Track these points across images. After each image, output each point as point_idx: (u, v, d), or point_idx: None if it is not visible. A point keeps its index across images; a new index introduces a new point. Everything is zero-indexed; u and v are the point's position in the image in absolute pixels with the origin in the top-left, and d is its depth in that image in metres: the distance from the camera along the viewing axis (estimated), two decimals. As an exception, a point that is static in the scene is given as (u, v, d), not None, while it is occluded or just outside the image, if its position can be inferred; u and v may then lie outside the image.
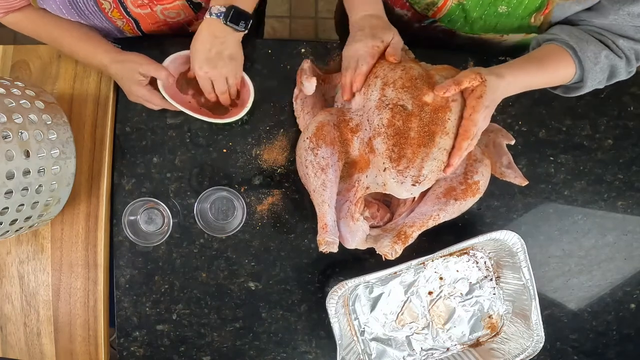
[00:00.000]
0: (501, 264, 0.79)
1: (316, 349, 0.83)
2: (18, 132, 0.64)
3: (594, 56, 0.67)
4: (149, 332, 0.82)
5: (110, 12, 0.76)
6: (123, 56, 0.75)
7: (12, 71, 0.82)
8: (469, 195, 0.70)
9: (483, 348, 0.80)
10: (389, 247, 0.69)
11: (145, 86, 0.76)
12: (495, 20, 0.75)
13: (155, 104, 0.78)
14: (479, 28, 0.79)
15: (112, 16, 0.77)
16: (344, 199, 0.72)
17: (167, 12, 0.79)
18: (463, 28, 0.80)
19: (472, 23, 0.78)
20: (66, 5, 0.72)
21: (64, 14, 0.74)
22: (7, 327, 0.81)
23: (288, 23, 1.87)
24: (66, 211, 0.80)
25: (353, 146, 0.70)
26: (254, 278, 0.82)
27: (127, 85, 0.77)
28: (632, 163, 0.85)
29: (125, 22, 0.79)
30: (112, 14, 0.77)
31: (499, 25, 0.77)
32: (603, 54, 0.67)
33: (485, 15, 0.75)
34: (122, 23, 0.79)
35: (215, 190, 0.75)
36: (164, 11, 0.78)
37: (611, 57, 0.67)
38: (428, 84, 0.67)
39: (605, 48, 0.67)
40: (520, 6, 0.71)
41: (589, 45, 0.67)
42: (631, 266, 0.85)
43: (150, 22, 0.80)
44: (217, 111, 0.81)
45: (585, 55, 0.66)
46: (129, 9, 0.76)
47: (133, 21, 0.79)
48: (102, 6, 0.74)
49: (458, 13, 0.76)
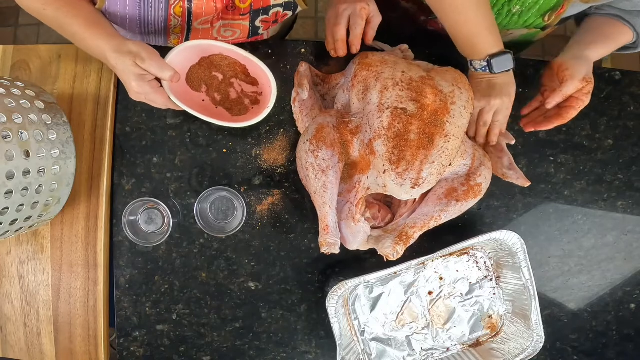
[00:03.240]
0: (501, 264, 0.79)
1: (316, 349, 0.83)
2: (18, 132, 0.64)
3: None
4: (149, 332, 0.82)
5: (173, 29, 0.73)
6: (124, 46, 0.64)
7: (12, 71, 0.82)
8: (470, 196, 0.70)
9: (483, 348, 0.80)
10: (391, 248, 0.69)
11: (148, 82, 0.66)
12: (507, 20, 0.76)
13: (161, 105, 0.69)
14: None
15: (172, 31, 0.74)
16: (345, 200, 0.72)
17: (224, 31, 0.76)
18: None
19: None
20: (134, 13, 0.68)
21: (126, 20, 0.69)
22: (7, 327, 0.81)
23: (288, 23, 1.87)
24: (66, 211, 0.80)
25: (353, 147, 0.70)
26: (254, 278, 0.82)
27: (127, 79, 0.66)
28: (632, 163, 0.85)
29: (178, 37, 0.77)
30: (174, 30, 0.74)
31: (510, 23, 0.77)
32: None
33: (497, 14, 0.75)
34: (174, 37, 0.77)
35: (215, 190, 0.75)
36: (221, 29, 0.75)
37: None
38: (428, 86, 0.67)
39: None
40: (535, 6, 0.72)
41: (633, 16, 0.74)
42: (631, 266, 0.85)
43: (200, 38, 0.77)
44: (235, 110, 0.75)
45: (637, 23, 0.74)
46: (192, 25, 0.73)
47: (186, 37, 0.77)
48: (170, 23, 0.71)
49: None
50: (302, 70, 0.78)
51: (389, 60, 0.71)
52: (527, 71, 0.83)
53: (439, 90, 0.68)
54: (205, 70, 0.73)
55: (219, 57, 0.73)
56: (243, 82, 0.76)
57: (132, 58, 0.63)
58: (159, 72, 0.65)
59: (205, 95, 0.75)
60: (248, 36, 0.81)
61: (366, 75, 0.70)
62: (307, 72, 0.78)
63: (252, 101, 0.76)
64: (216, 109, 0.75)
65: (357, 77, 0.71)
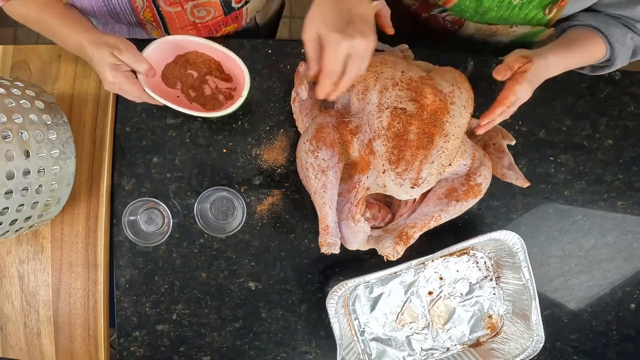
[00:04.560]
0: (501, 264, 0.79)
1: (316, 349, 0.83)
2: (18, 132, 0.64)
3: (622, 38, 0.72)
4: (149, 332, 0.82)
5: (142, 13, 0.74)
6: (102, 38, 0.65)
7: (12, 71, 0.82)
8: (470, 196, 0.70)
9: (483, 348, 0.80)
10: (391, 248, 0.69)
11: (123, 72, 0.66)
12: (508, 12, 0.76)
13: (135, 96, 0.70)
14: (490, 18, 0.79)
15: (143, 17, 0.75)
16: (345, 200, 0.72)
17: (197, 11, 0.76)
18: (473, 18, 0.80)
19: (483, 13, 0.78)
20: (99, 4, 0.70)
21: (95, 12, 0.72)
22: (7, 327, 0.81)
23: (288, 23, 1.87)
24: (66, 211, 0.80)
25: (353, 147, 0.70)
26: (254, 278, 0.82)
27: (102, 70, 0.66)
28: (632, 163, 0.85)
29: (154, 26, 0.78)
30: (144, 15, 0.75)
31: (511, 16, 0.77)
32: (629, 36, 0.72)
33: (498, 6, 0.75)
34: (151, 27, 0.78)
35: (215, 190, 0.75)
36: (194, 10, 0.76)
37: (636, 38, 0.73)
38: (428, 86, 0.67)
39: (630, 31, 0.72)
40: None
41: (614, 28, 0.72)
42: (631, 266, 0.85)
43: (178, 25, 0.79)
44: (208, 105, 0.76)
45: (614, 38, 0.71)
46: (160, 7, 0.74)
47: (162, 24, 0.77)
48: (135, 4, 0.72)
49: (469, 3, 0.76)
50: (302, 70, 0.78)
51: (389, 60, 0.71)
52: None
53: (438, 90, 0.68)
54: (180, 68, 0.75)
55: (194, 54, 0.75)
56: (217, 79, 0.78)
57: (109, 49, 0.64)
58: (135, 64, 0.66)
59: (180, 92, 0.76)
60: (225, 13, 0.80)
61: (366, 75, 0.70)
62: (307, 72, 0.78)
63: (226, 97, 0.77)
64: (190, 105, 0.76)
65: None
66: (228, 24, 0.84)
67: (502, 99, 0.67)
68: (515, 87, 0.67)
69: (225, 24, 0.83)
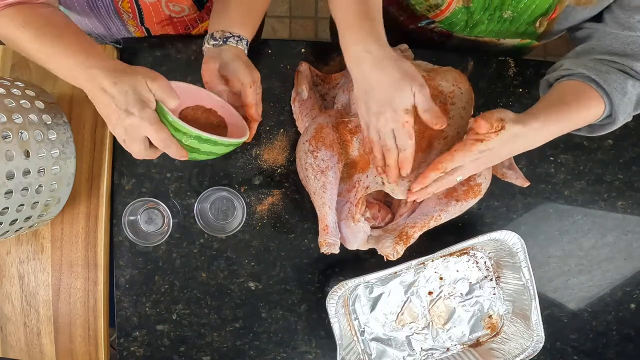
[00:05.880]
0: (501, 264, 0.79)
1: (316, 349, 0.83)
2: (18, 132, 0.64)
3: (621, 87, 0.60)
4: (149, 332, 0.82)
5: (121, 2, 0.75)
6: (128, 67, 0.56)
7: (12, 71, 0.82)
8: (470, 196, 0.70)
9: (483, 348, 0.80)
10: (391, 248, 0.69)
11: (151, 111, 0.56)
12: (498, 26, 0.75)
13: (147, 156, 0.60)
14: (479, 32, 0.78)
15: (121, 7, 0.76)
16: (345, 200, 0.72)
17: (172, 6, 0.77)
18: (462, 31, 0.80)
19: (473, 26, 0.77)
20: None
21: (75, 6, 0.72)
22: (7, 327, 0.81)
23: (288, 23, 1.87)
24: (66, 211, 0.80)
25: (352, 147, 0.70)
26: (254, 278, 0.82)
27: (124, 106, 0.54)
28: (632, 163, 0.85)
29: (131, 16, 0.78)
30: (122, 5, 0.75)
31: (501, 30, 0.76)
32: (629, 84, 0.60)
33: (488, 20, 0.74)
34: (127, 17, 0.78)
35: (215, 190, 0.75)
36: (168, 4, 0.76)
37: (637, 85, 0.61)
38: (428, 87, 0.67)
39: (628, 77, 0.60)
40: (527, 11, 0.69)
41: (610, 75, 0.60)
42: (631, 266, 0.85)
43: (155, 20, 0.79)
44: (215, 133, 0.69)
45: (612, 87, 0.59)
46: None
47: (139, 15, 0.77)
48: None
49: (460, 16, 0.75)
50: (302, 70, 0.78)
51: (389, 60, 0.71)
52: (526, 71, 0.83)
53: (438, 90, 0.68)
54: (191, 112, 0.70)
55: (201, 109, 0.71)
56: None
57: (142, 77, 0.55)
58: (168, 97, 0.56)
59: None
60: (199, 8, 0.80)
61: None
62: (307, 72, 0.78)
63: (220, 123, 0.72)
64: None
65: (357, 77, 0.71)
66: (204, 19, 0.83)
67: (437, 163, 0.58)
68: (456, 154, 0.56)
69: (202, 19, 0.83)
